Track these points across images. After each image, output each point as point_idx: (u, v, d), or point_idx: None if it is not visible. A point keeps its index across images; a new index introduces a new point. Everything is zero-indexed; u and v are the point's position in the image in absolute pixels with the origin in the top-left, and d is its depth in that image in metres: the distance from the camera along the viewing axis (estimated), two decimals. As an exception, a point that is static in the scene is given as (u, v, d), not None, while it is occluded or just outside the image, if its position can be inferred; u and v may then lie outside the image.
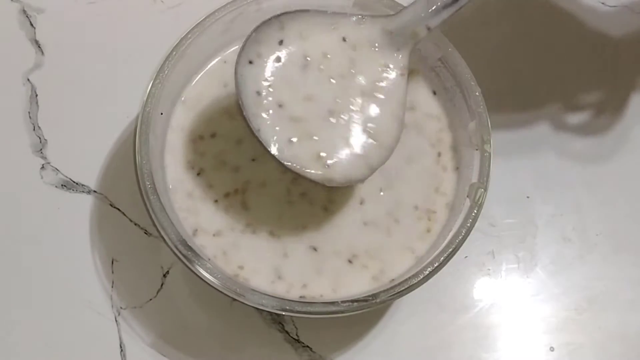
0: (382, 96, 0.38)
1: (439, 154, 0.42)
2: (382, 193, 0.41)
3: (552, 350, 0.44)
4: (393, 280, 0.39)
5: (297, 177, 0.38)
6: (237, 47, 0.41)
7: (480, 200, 0.38)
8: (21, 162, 0.45)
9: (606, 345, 0.44)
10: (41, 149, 0.45)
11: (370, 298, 0.37)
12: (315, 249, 0.39)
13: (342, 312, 0.36)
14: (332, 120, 0.37)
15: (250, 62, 0.37)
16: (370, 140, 0.37)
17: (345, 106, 0.38)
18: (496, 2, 0.51)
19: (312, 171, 0.37)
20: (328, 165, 0.37)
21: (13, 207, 0.44)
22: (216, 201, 0.40)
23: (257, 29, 0.37)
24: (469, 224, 0.38)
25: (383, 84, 0.38)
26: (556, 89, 0.49)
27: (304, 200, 0.40)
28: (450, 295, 0.44)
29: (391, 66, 0.38)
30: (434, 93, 0.43)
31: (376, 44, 0.39)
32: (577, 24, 0.50)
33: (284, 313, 0.37)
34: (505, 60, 0.50)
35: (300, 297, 0.38)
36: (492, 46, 0.50)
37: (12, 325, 0.42)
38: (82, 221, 0.44)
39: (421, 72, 0.43)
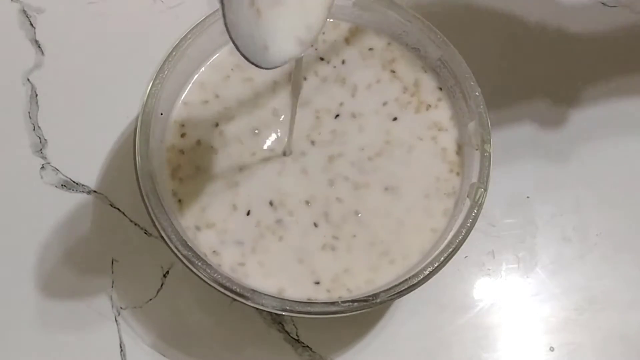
0: None
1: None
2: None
3: (552, 350, 0.44)
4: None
5: None
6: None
7: (480, 200, 0.38)
8: (21, 162, 0.45)
9: (606, 345, 0.44)
10: (41, 149, 0.45)
11: (370, 298, 0.37)
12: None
13: (342, 312, 0.36)
14: None
15: None
16: None
17: None
18: (496, 3, 0.51)
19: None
20: None
21: (13, 207, 0.44)
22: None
23: None
24: (469, 224, 0.38)
25: None
26: (557, 88, 0.49)
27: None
28: (450, 295, 0.44)
29: None
30: (440, 89, 0.43)
31: None
32: (575, 24, 0.51)
33: (284, 313, 0.37)
34: (505, 60, 0.49)
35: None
36: (492, 46, 0.50)
37: (12, 325, 0.42)
38: (82, 221, 0.44)
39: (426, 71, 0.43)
